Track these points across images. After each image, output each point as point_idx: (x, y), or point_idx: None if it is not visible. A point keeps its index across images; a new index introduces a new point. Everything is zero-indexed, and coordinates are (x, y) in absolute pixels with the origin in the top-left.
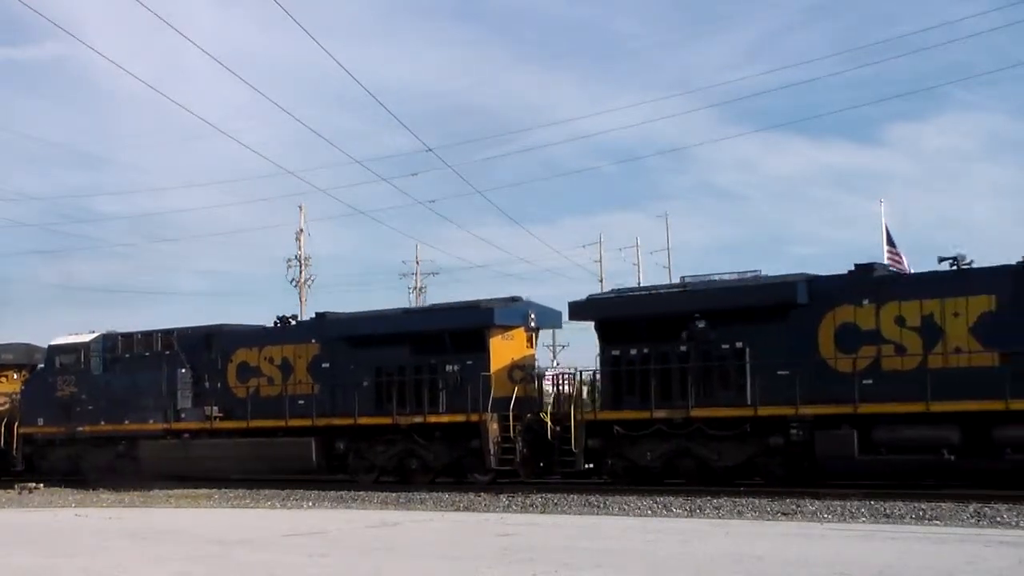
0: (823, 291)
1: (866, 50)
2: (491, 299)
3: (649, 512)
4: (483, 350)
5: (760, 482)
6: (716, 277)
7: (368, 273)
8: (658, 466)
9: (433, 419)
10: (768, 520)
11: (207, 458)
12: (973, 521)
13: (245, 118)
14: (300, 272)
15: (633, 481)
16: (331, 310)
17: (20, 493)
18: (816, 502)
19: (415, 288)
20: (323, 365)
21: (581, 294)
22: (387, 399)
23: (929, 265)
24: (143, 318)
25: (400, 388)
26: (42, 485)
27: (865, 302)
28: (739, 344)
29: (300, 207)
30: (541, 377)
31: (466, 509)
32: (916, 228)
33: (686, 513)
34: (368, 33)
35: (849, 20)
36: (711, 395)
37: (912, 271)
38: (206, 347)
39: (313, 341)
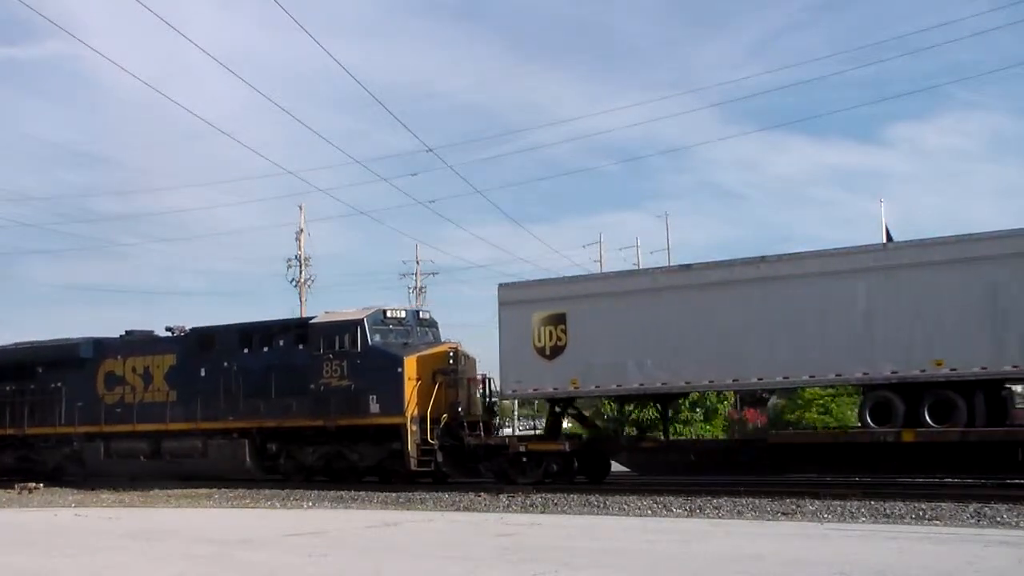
0: (102, 349)
1: (866, 50)
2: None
3: (649, 512)
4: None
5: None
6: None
7: (368, 273)
8: (12, 466)
9: None
10: (768, 520)
11: None
12: (973, 521)
13: (245, 118)
14: (300, 272)
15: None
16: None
17: (20, 493)
18: (816, 502)
19: (415, 288)
20: None
21: None
22: None
23: None
24: (143, 318)
25: None
26: (42, 485)
27: (119, 357)
28: (60, 384)
29: (300, 207)
30: None
31: (466, 509)
32: (918, 227)
33: (686, 513)
34: (369, 33)
35: (850, 20)
36: (44, 419)
37: None
38: None
39: None
